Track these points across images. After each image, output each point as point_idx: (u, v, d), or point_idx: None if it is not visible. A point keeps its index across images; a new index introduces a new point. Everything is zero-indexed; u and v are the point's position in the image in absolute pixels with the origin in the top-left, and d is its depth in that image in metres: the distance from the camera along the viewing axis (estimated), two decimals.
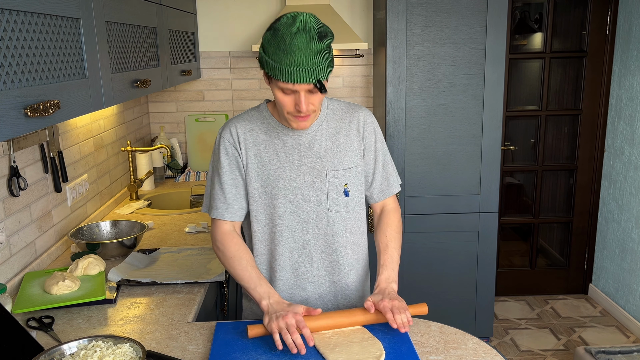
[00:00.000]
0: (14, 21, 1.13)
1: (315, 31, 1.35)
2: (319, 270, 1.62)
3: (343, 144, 1.58)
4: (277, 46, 1.35)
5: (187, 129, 3.52)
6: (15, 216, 1.84)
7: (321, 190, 1.56)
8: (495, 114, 2.93)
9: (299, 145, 1.56)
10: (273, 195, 1.56)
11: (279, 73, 1.37)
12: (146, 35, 2.12)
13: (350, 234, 1.62)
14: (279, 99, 1.44)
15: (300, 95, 1.40)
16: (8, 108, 1.08)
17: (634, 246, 3.34)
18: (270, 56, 1.38)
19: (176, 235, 2.34)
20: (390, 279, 1.54)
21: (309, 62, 1.35)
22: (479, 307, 3.14)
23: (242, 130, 1.56)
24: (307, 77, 1.36)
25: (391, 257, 1.59)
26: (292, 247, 1.59)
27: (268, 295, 1.47)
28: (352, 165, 1.59)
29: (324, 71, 1.39)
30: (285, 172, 1.55)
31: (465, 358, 1.36)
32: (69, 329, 1.56)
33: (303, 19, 1.35)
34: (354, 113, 1.61)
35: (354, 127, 1.60)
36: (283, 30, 1.35)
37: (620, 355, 2.62)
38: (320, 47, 1.36)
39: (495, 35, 2.84)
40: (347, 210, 1.60)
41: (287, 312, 1.38)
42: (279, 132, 1.56)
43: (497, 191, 3.01)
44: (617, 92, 3.48)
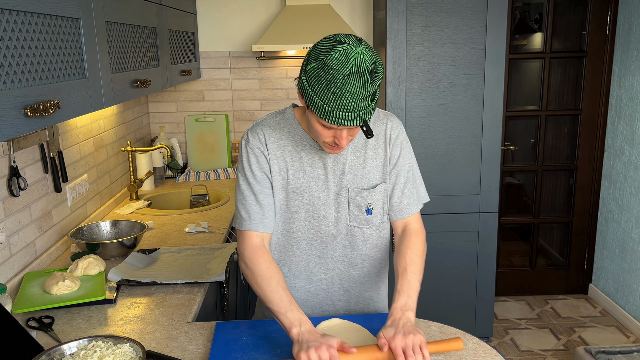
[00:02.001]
0: (14, 21, 1.13)
1: (369, 73, 1.24)
2: (332, 279, 1.58)
3: (369, 159, 1.51)
4: (326, 86, 1.24)
5: (187, 129, 3.52)
6: (15, 216, 1.84)
7: (342, 206, 1.51)
8: (495, 114, 2.93)
9: (325, 161, 1.49)
10: (295, 209, 1.50)
11: (325, 114, 1.27)
12: (146, 35, 2.12)
13: (370, 249, 1.57)
14: (317, 130, 1.35)
15: (343, 132, 1.33)
16: (8, 108, 1.08)
17: (634, 246, 3.34)
18: (316, 93, 1.27)
19: (176, 235, 2.34)
20: (407, 306, 1.38)
21: (359, 107, 1.25)
22: (479, 307, 3.14)
23: (270, 138, 1.48)
24: (354, 121, 1.27)
25: (409, 283, 1.43)
26: (309, 259, 1.55)
27: (300, 322, 1.32)
28: (378, 182, 1.52)
29: (371, 112, 1.30)
30: (310, 187, 1.49)
31: (465, 358, 1.36)
32: (69, 329, 1.56)
33: (358, 57, 1.22)
34: (380, 125, 1.52)
35: (381, 141, 1.51)
36: (335, 69, 1.22)
37: (620, 355, 2.62)
38: (372, 91, 1.26)
39: (495, 35, 2.84)
40: (368, 227, 1.55)
41: (320, 344, 1.24)
42: (306, 144, 1.48)
43: (497, 191, 3.01)
44: (617, 92, 3.48)
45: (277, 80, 3.51)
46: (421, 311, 1.57)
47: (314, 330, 1.31)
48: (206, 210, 2.70)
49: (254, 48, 3.11)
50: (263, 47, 3.10)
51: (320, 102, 1.26)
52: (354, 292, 1.61)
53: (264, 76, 3.50)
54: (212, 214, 2.62)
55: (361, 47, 1.23)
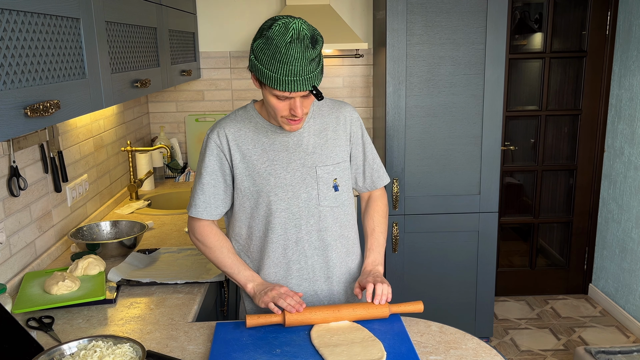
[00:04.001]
0: (14, 21, 1.13)
1: (308, 39, 1.37)
2: (313, 267, 1.63)
3: (331, 139, 1.62)
4: (272, 56, 1.37)
5: (187, 129, 3.52)
6: (15, 216, 1.84)
7: (311, 186, 1.59)
8: (495, 114, 2.93)
9: (287, 143, 1.58)
10: (264, 193, 1.58)
11: (275, 82, 1.39)
12: (146, 35, 2.12)
13: (340, 227, 1.65)
14: (273, 104, 1.46)
15: (296, 101, 1.43)
16: (8, 108, 1.08)
17: (634, 246, 3.34)
18: (264, 65, 1.39)
19: (176, 235, 2.34)
20: (377, 261, 1.62)
21: (305, 71, 1.38)
22: (479, 307, 3.14)
23: (231, 131, 1.59)
24: (303, 86, 1.39)
25: (377, 241, 1.67)
26: (286, 244, 1.61)
27: (252, 278, 1.57)
28: (340, 160, 1.62)
29: (318, 77, 1.42)
30: (275, 170, 1.57)
31: (465, 358, 1.36)
32: (69, 329, 1.56)
33: (296, 26, 1.36)
34: (339, 109, 1.65)
35: (341, 123, 1.64)
36: (277, 39, 1.35)
37: (620, 355, 2.62)
38: (314, 55, 1.38)
39: (495, 35, 2.84)
40: (337, 205, 1.63)
41: (273, 287, 1.51)
42: (267, 130, 1.59)
43: (497, 191, 3.01)
44: (617, 92, 3.48)
45: None
46: None
47: (265, 282, 1.57)
48: None
49: None
50: None
51: (269, 72, 1.38)
52: (335, 279, 1.67)
53: None
54: None
55: (298, 20, 1.38)
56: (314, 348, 1.38)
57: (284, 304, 1.45)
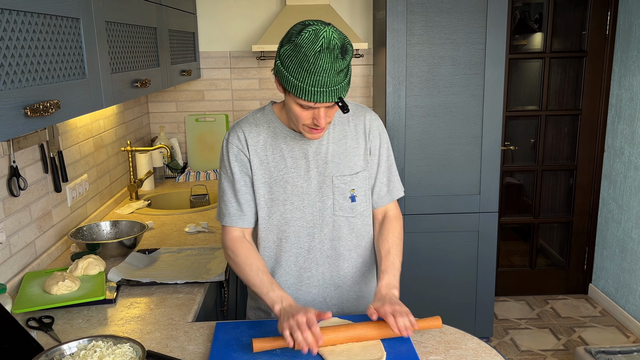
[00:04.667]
0: (14, 21, 1.13)
1: (338, 49, 1.31)
2: (323, 275, 1.60)
3: (350, 148, 1.56)
4: (299, 64, 1.31)
5: (187, 129, 3.52)
6: (15, 216, 1.84)
7: (327, 195, 1.55)
8: (495, 114, 2.93)
9: (306, 151, 1.53)
10: (280, 201, 1.54)
11: (301, 92, 1.33)
12: (146, 35, 2.12)
13: (355, 237, 1.61)
14: (296, 112, 1.40)
15: (320, 111, 1.38)
16: (8, 108, 1.08)
17: (634, 246, 3.34)
18: (290, 72, 1.33)
19: (176, 235, 2.34)
20: (391, 285, 1.50)
21: (333, 82, 1.32)
22: (478, 307, 3.14)
23: (249, 134, 1.53)
24: (330, 97, 1.34)
25: (392, 264, 1.54)
26: (298, 253, 1.58)
27: (281, 299, 1.42)
28: (358, 170, 1.57)
29: (345, 89, 1.36)
30: (292, 178, 1.53)
31: (465, 358, 1.36)
32: (69, 329, 1.56)
33: (327, 35, 1.29)
34: (359, 116, 1.58)
35: (361, 131, 1.57)
36: (306, 47, 1.29)
37: (620, 355, 2.62)
38: (343, 66, 1.32)
39: (495, 35, 2.84)
40: (353, 215, 1.58)
41: (298, 312, 1.35)
42: (286, 136, 1.53)
43: (497, 191, 3.01)
44: (617, 92, 3.48)
45: None
46: (421, 311, 1.58)
47: (295, 305, 1.40)
48: (206, 210, 2.70)
49: (254, 48, 3.11)
50: (263, 47, 3.10)
51: (295, 80, 1.33)
52: (345, 287, 1.63)
53: (264, 76, 3.50)
54: (212, 214, 2.62)
55: (329, 27, 1.31)
56: None
57: (298, 339, 1.30)
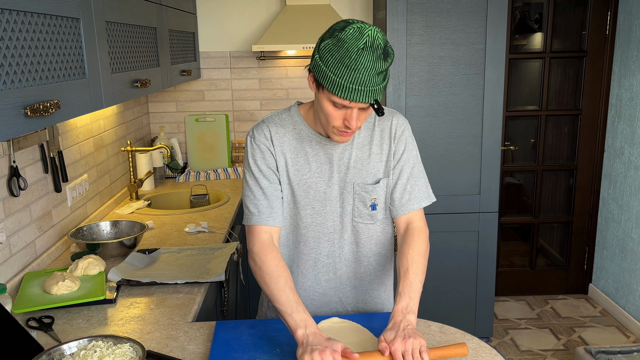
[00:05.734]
0: (14, 21, 1.13)
1: (381, 49, 1.28)
2: (341, 278, 1.59)
3: (374, 154, 1.52)
4: (340, 59, 1.27)
5: (187, 129, 3.52)
6: (15, 216, 1.84)
7: (347, 201, 1.52)
8: (495, 114, 2.93)
9: (331, 156, 1.49)
10: (301, 205, 1.51)
11: (337, 88, 1.29)
12: (146, 35, 2.12)
13: (375, 245, 1.58)
14: (328, 111, 1.35)
15: (353, 112, 1.33)
16: (8, 108, 1.08)
17: (634, 246, 3.34)
18: (329, 67, 1.29)
19: (176, 235, 2.34)
20: (408, 309, 1.37)
21: (372, 82, 1.28)
22: (479, 307, 3.14)
23: (275, 133, 1.49)
24: (367, 97, 1.29)
25: (410, 285, 1.41)
26: (317, 258, 1.56)
27: (305, 324, 1.31)
28: (380, 177, 1.52)
29: (382, 92, 1.32)
30: (316, 182, 1.50)
31: (465, 358, 1.36)
32: (69, 329, 1.56)
33: (371, 34, 1.26)
34: (386, 120, 1.53)
35: (386, 136, 1.52)
36: (349, 43, 1.26)
37: (620, 355, 2.62)
38: (384, 67, 1.29)
39: (495, 35, 2.84)
40: (373, 222, 1.55)
41: (324, 348, 1.24)
42: (311, 140, 1.49)
43: (497, 191, 3.01)
44: (617, 92, 3.48)
45: (277, 80, 3.51)
46: (421, 311, 1.57)
47: (319, 333, 1.30)
48: (206, 210, 2.70)
49: (254, 48, 3.11)
50: (263, 47, 3.10)
51: (334, 76, 1.28)
52: (361, 289, 1.62)
53: (264, 76, 3.50)
54: (212, 214, 2.62)
55: (374, 27, 1.28)
56: None
57: None
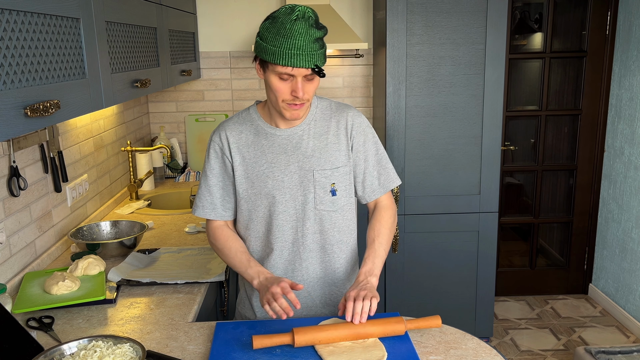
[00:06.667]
0: (14, 21, 1.13)
1: (313, 20, 1.41)
2: (307, 270, 1.63)
3: (331, 143, 1.59)
4: (277, 32, 1.40)
5: (187, 129, 3.52)
6: (15, 216, 1.84)
7: (308, 189, 1.58)
8: (495, 114, 2.93)
9: (286, 146, 1.57)
10: (262, 195, 1.58)
11: (278, 57, 1.40)
12: (146, 35, 2.12)
13: (338, 232, 1.63)
14: (275, 86, 1.46)
15: (298, 80, 1.44)
16: (8, 108, 1.08)
17: (634, 246, 3.34)
18: (269, 42, 1.41)
19: (176, 235, 2.34)
20: (370, 272, 1.53)
21: (308, 47, 1.39)
22: (479, 307, 3.14)
23: (231, 133, 1.60)
24: (306, 62, 1.40)
25: (375, 252, 1.57)
26: (283, 246, 1.61)
27: (258, 274, 1.52)
28: (339, 165, 1.59)
29: (321, 58, 1.43)
30: (273, 172, 1.57)
31: (465, 358, 1.36)
32: (69, 329, 1.56)
33: (302, 9, 1.40)
34: (342, 113, 1.62)
35: (342, 127, 1.61)
36: (282, 17, 1.40)
37: (620, 355, 2.62)
38: (318, 35, 1.41)
39: (495, 35, 2.84)
40: (334, 210, 1.61)
41: (272, 283, 1.43)
42: (267, 133, 1.58)
43: (497, 191, 3.01)
44: (617, 92, 3.48)
45: None
46: (421, 311, 1.58)
47: (271, 277, 1.49)
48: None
49: None
50: None
51: (273, 47, 1.40)
52: (330, 284, 1.65)
53: None
54: None
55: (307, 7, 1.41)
56: (313, 348, 1.38)
57: (275, 309, 1.38)
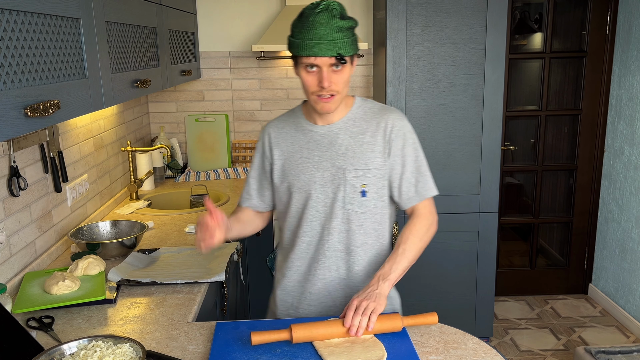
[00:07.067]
0: (14, 21, 1.13)
1: (337, 12, 1.43)
2: (330, 268, 1.62)
3: (366, 144, 1.57)
4: (302, 26, 1.43)
5: (187, 129, 3.52)
6: (15, 216, 1.84)
7: (338, 187, 1.57)
8: (495, 114, 2.93)
9: (321, 142, 1.59)
10: (295, 189, 1.61)
11: (301, 48, 1.43)
12: (146, 35, 2.12)
13: (364, 234, 1.60)
14: (303, 78, 1.49)
15: (323, 71, 1.45)
16: (8, 108, 1.08)
17: (634, 246, 3.34)
18: (295, 36, 1.45)
19: (176, 235, 2.34)
20: (384, 276, 1.49)
21: (330, 36, 1.41)
22: (479, 307, 3.14)
23: (274, 130, 1.66)
24: (327, 50, 1.41)
25: (396, 257, 1.53)
26: (310, 241, 1.62)
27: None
28: (372, 167, 1.57)
29: (346, 47, 1.43)
30: (306, 167, 1.59)
31: (465, 358, 1.36)
32: (69, 329, 1.56)
33: (327, 2, 1.43)
34: (384, 115, 1.60)
35: (381, 130, 1.58)
36: (308, 12, 1.43)
37: (620, 355, 2.62)
38: (341, 24, 1.42)
39: (495, 35, 2.84)
40: (362, 211, 1.58)
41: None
42: (305, 129, 1.62)
43: (497, 191, 3.01)
44: (617, 92, 3.48)
45: (277, 80, 3.51)
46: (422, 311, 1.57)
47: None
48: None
49: (254, 48, 3.11)
50: (263, 47, 3.11)
51: (297, 40, 1.44)
52: (350, 285, 1.63)
53: (264, 76, 3.50)
54: None
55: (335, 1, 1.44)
56: (314, 348, 1.38)
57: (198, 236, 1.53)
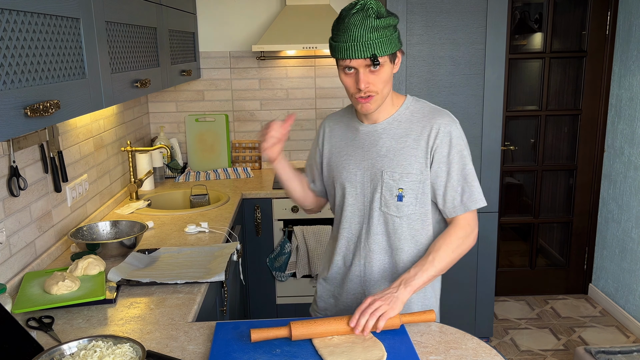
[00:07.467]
0: (14, 21, 1.13)
1: (373, 11, 1.39)
2: (366, 267, 1.62)
3: (408, 147, 1.53)
4: (338, 28, 1.43)
5: (187, 129, 3.52)
6: (15, 216, 1.84)
7: (376, 189, 1.57)
8: (495, 114, 2.93)
9: (364, 141, 1.59)
10: (338, 184, 1.64)
11: (337, 51, 1.43)
12: (146, 35, 2.12)
13: (398, 240, 1.58)
14: (343, 81, 1.49)
15: (359, 72, 1.44)
16: (8, 108, 1.08)
17: (633, 246, 3.34)
18: (333, 39, 1.45)
19: (176, 235, 2.34)
20: (407, 280, 1.46)
21: (364, 37, 1.38)
22: (479, 307, 3.14)
23: (329, 124, 1.70)
24: (360, 52, 1.39)
25: (424, 264, 1.49)
26: (348, 237, 1.65)
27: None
28: (411, 171, 1.53)
29: (382, 47, 1.40)
30: (349, 164, 1.61)
31: (465, 358, 1.36)
32: (69, 329, 1.56)
33: (364, 2, 1.40)
34: (432, 118, 1.54)
35: (426, 133, 1.53)
36: (344, 13, 1.42)
37: (620, 355, 2.62)
38: (377, 24, 1.39)
39: (495, 35, 2.84)
40: (399, 215, 1.56)
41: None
42: (353, 127, 1.63)
43: (497, 191, 3.01)
44: (617, 92, 3.48)
45: (277, 80, 3.51)
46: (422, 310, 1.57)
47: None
48: (206, 210, 2.70)
49: (254, 48, 3.11)
50: (263, 47, 3.11)
51: (335, 43, 1.44)
52: (387, 284, 1.61)
53: (264, 76, 3.50)
54: (212, 214, 2.62)
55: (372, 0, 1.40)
56: (314, 348, 1.38)
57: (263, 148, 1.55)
